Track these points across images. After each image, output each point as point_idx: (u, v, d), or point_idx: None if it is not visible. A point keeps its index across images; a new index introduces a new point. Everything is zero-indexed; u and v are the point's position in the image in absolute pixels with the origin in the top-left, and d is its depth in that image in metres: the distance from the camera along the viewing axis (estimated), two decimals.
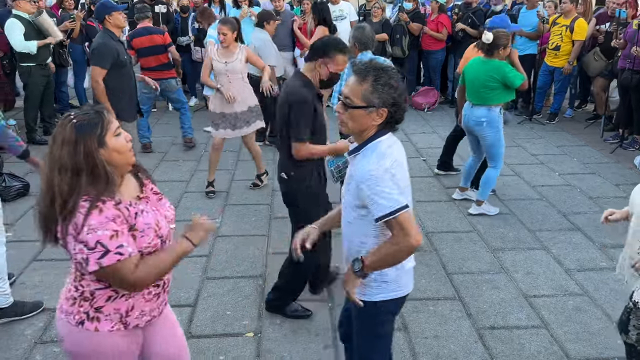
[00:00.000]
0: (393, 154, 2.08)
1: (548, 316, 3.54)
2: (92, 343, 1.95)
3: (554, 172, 6.08)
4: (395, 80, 2.04)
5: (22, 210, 5.00)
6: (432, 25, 8.35)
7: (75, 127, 1.77)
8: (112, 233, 1.77)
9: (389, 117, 2.06)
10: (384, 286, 2.20)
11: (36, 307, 3.55)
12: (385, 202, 1.97)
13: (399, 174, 2.06)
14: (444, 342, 3.30)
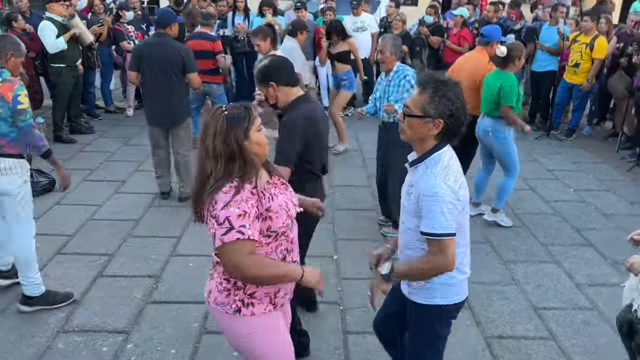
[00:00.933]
0: (454, 165, 2.16)
1: (556, 328, 3.60)
2: (251, 326, 2.13)
3: (569, 188, 6.11)
4: (454, 94, 2.11)
5: (47, 205, 5.17)
6: (455, 38, 8.43)
7: (227, 119, 1.97)
8: (241, 212, 1.92)
9: (445, 129, 2.13)
10: (449, 290, 2.29)
11: (67, 297, 3.69)
12: (436, 223, 2.07)
13: (463, 187, 2.15)
14: (452, 348, 3.35)
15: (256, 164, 2.02)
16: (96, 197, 5.43)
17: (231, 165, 1.96)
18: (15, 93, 3.26)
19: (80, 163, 6.40)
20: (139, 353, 3.23)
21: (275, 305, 2.16)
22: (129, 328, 3.45)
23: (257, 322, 2.13)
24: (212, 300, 2.16)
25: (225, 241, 1.91)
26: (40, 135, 3.41)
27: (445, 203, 2.06)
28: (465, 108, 2.13)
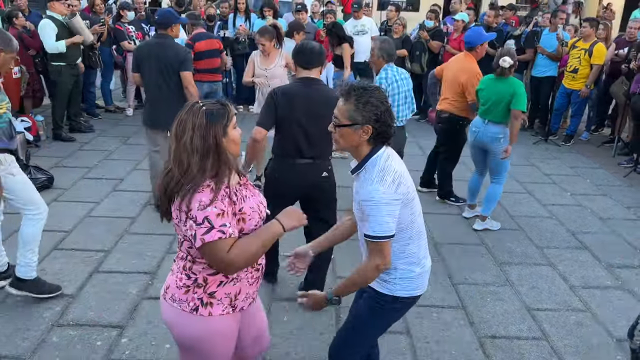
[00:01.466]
0: (392, 165, 2.18)
1: (549, 329, 3.61)
2: (206, 327, 2.08)
3: (565, 192, 6.14)
4: (377, 99, 2.15)
5: (45, 201, 5.13)
6: (455, 43, 8.46)
7: (206, 115, 1.94)
8: (219, 212, 1.90)
9: (374, 133, 2.17)
10: (408, 283, 2.33)
11: (54, 290, 3.70)
12: (376, 226, 2.13)
13: (402, 184, 2.17)
14: (445, 347, 3.38)
15: (230, 163, 1.99)
16: (94, 195, 5.45)
17: (205, 161, 1.92)
18: None
19: (79, 161, 6.43)
20: (133, 347, 3.24)
21: (234, 307, 2.12)
22: (123, 323, 3.47)
23: (212, 324, 2.08)
24: (168, 297, 2.11)
25: (207, 240, 1.89)
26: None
27: (383, 205, 2.11)
28: (389, 111, 2.18)
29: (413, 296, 2.38)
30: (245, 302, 2.17)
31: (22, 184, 3.56)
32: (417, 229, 2.31)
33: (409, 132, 8.31)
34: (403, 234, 2.25)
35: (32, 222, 3.59)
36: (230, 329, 2.16)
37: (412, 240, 2.29)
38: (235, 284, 2.10)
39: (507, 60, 4.67)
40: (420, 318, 3.65)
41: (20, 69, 6.81)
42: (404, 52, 8.51)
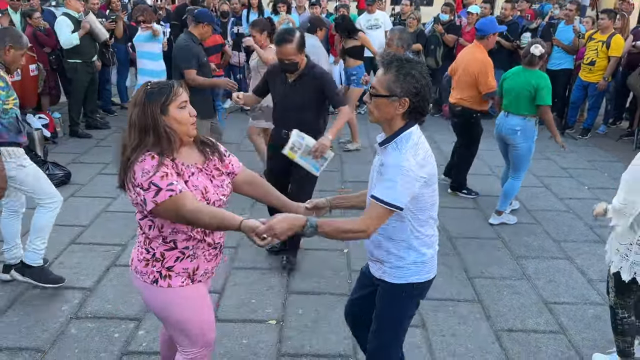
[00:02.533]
0: (424, 143, 2.18)
1: (567, 322, 3.58)
2: (167, 297, 2.20)
3: (583, 186, 6.07)
4: (419, 71, 2.10)
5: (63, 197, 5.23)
6: (468, 36, 8.40)
7: (146, 93, 2.05)
8: (163, 174, 1.99)
9: (411, 107, 2.12)
10: (421, 267, 2.30)
11: (57, 281, 3.75)
12: (390, 192, 2.07)
13: (430, 164, 2.16)
14: (461, 341, 3.37)
15: (173, 140, 2.05)
16: (110, 190, 5.49)
17: (144, 137, 2.02)
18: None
19: (96, 157, 6.49)
20: (150, 339, 3.27)
21: (193, 280, 2.21)
22: (140, 315, 3.50)
23: (172, 294, 2.18)
24: (132, 268, 2.25)
25: (159, 201, 1.97)
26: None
27: (406, 177, 2.06)
28: (429, 87, 2.13)
29: (428, 280, 2.35)
30: (203, 277, 2.26)
31: (33, 176, 3.61)
32: (431, 212, 2.27)
33: (423, 127, 8.29)
34: (423, 214, 2.22)
35: (45, 210, 3.65)
36: (194, 295, 2.24)
37: (428, 222, 2.26)
38: (192, 260, 2.18)
39: (539, 47, 4.63)
40: (436, 311, 3.64)
41: (38, 66, 6.89)
42: (418, 47, 8.46)
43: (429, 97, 2.15)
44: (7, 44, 3.39)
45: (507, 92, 4.84)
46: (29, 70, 6.72)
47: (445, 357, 3.21)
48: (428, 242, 2.30)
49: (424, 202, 2.19)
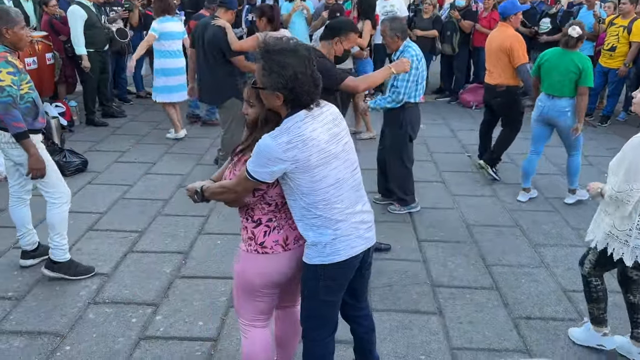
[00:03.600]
0: (300, 129, 2.10)
1: (586, 310, 3.52)
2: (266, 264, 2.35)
3: (603, 174, 5.96)
4: (283, 64, 2.04)
5: (80, 184, 5.29)
6: (485, 21, 8.29)
7: None
8: None
9: (287, 99, 2.10)
10: (321, 249, 2.26)
11: (88, 271, 3.78)
12: (251, 163, 2.13)
13: (299, 149, 2.09)
14: (478, 328, 3.34)
15: None
16: (127, 178, 5.54)
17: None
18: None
19: (112, 145, 6.53)
20: (167, 324, 3.29)
21: (286, 250, 2.35)
22: (158, 301, 3.52)
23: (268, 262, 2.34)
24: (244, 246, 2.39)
25: None
26: (16, 116, 3.30)
27: (260, 154, 2.10)
28: (304, 75, 2.06)
29: (332, 263, 2.27)
30: (296, 243, 2.35)
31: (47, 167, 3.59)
32: (324, 197, 2.19)
33: (438, 114, 8.23)
34: (304, 199, 2.18)
35: (54, 206, 3.63)
36: (283, 263, 2.36)
37: (315, 207, 2.19)
38: (279, 232, 2.31)
39: (576, 29, 4.67)
40: (453, 299, 3.61)
41: (54, 55, 6.92)
42: (434, 33, 8.37)
43: (307, 86, 2.08)
44: (1, 27, 3.30)
45: (548, 74, 4.88)
46: (45, 59, 6.77)
47: (462, 345, 3.19)
48: (321, 223, 2.23)
49: (301, 188, 2.16)
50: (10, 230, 4.11)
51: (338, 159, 2.21)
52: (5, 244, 4.17)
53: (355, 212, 2.31)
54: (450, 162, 6.23)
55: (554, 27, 7.95)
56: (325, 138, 2.16)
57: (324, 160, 2.15)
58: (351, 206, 2.29)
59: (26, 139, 3.36)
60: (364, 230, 2.36)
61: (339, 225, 2.26)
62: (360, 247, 2.35)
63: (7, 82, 3.26)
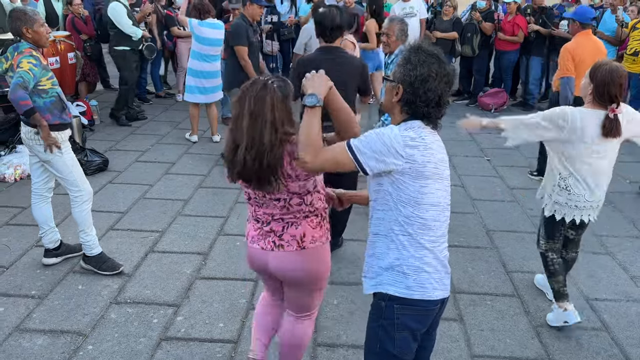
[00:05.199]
0: (423, 134, 1.95)
1: (609, 320, 3.49)
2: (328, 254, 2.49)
3: (624, 180, 5.90)
4: (419, 59, 1.93)
5: (101, 183, 5.34)
6: (508, 26, 8.22)
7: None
8: None
9: (405, 99, 1.97)
10: (400, 278, 2.01)
11: (112, 268, 3.83)
12: (358, 140, 1.95)
13: (418, 151, 1.92)
14: (500, 336, 3.31)
15: None
16: (147, 177, 5.57)
17: None
18: (19, 60, 3.35)
19: (133, 145, 6.57)
20: (188, 325, 3.31)
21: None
22: (178, 301, 3.54)
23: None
24: (309, 242, 2.36)
25: None
26: (24, 96, 3.35)
27: (379, 136, 1.91)
28: (431, 82, 1.91)
29: (411, 298, 1.98)
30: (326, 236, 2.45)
31: (70, 166, 3.66)
32: (424, 215, 1.97)
33: (457, 116, 8.14)
34: (402, 210, 1.96)
35: (75, 204, 3.72)
36: None
37: (410, 223, 1.97)
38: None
39: None
40: (474, 306, 3.59)
41: (76, 54, 7.00)
42: (454, 35, 8.33)
43: (430, 96, 1.93)
44: (21, 27, 3.41)
45: None
46: (67, 59, 6.84)
47: (484, 352, 3.17)
48: (415, 246, 1.98)
49: (410, 196, 1.94)
50: (33, 228, 4.16)
51: (444, 183, 2.01)
52: (29, 242, 4.22)
53: (443, 249, 2.06)
54: (470, 166, 6.19)
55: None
56: (440, 157, 2.00)
57: (436, 176, 1.97)
58: (441, 240, 2.05)
59: (35, 113, 3.42)
60: (447, 274, 2.07)
61: (428, 255, 1.99)
62: (443, 291, 2.04)
63: (25, 68, 3.35)
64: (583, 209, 3.24)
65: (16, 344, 3.12)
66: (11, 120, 5.97)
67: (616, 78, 3.00)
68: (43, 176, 3.77)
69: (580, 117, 3.05)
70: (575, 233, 3.48)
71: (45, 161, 3.63)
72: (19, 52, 3.40)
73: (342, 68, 3.57)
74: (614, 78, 3.00)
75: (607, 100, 3.02)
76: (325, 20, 3.64)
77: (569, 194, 3.21)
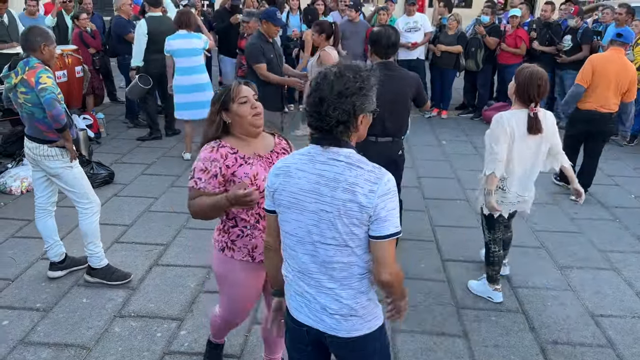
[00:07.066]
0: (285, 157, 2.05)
1: (615, 336, 3.46)
2: (228, 267, 2.55)
3: (629, 194, 5.88)
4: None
5: (106, 196, 5.36)
6: (511, 39, 8.25)
7: (215, 94, 2.47)
8: (204, 168, 2.35)
9: None
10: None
11: (124, 277, 3.87)
12: None
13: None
14: (504, 352, 3.30)
15: (217, 130, 2.42)
16: (153, 190, 5.60)
17: (210, 129, 2.44)
18: (37, 76, 3.42)
19: (138, 158, 6.61)
20: (192, 340, 3.31)
21: (253, 258, 2.50)
22: (182, 315, 3.54)
23: (233, 265, 2.53)
24: (213, 237, 2.61)
25: (188, 185, 2.40)
26: (61, 110, 3.47)
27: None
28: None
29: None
30: (262, 256, 2.40)
31: (79, 178, 3.72)
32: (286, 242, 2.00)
33: (462, 130, 8.19)
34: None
35: (85, 216, 3.76)
36: (250, 275, 2.56)
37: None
38: (251, 239, 2.48)
39: None
40: (479, 321, 3.58)
41: (83, 68, 7.06)
42: (459, 49, 8.37)
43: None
44: (40, 43, 3.49)
45: None
46: (75, 72, 6.90)
47: None
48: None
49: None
50: (38, 241, 4.18)
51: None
52: (34, 255, 4.24)
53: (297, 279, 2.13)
54: (474, 179, 6.14)
55: (574, 45, 7.88)
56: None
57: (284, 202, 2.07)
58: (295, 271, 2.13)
59: (66, 129, 3.54)
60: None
61: (288, 275, 2.08)
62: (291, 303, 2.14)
63: (49, 83, 3.44)
64: (517, 204, 3.66)
65: (20, 357, 3.13)
66: (18, 133, 6.04)
67: (535, 80, 3.33)
68: (47, 191, 3.81)
69: (508, 117, 3.42)
70: (508, 221, 3.92)
71: (54, 175, 3.67)
72: (30, 67, 3.45)
73: (400, 82, 3.84)
74: (533, 80, 3.33)
75: (527, 100, 3.38)
76: (382, 38, 3.82)
77: (505, 192, 3.59)
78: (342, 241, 1.84)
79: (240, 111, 2.38)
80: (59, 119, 3.45)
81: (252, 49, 5.31)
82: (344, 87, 1.77)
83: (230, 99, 2.39)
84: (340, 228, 1.82)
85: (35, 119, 3.53)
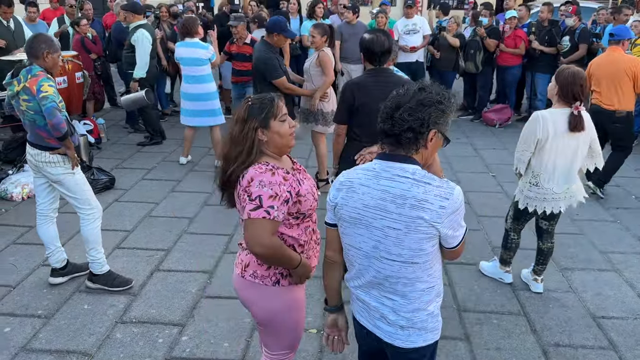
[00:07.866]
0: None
1: (617, 338, 3.46)
2: (288, 298, 2.29)
3: (630, 195, 5.88)
4: None
5: (107, 202, 5.37)
6: (510, 40, 8.26)
7: (248, 109, 2.13)
8: (273, 194, 2.04)
9: None
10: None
11: (126, 283, 3.88)
12: None
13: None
14: (506, 355, 3.29)
15: (255, 154, 2.12)
16: (153, 195, 5.60)
17: (241, 150, 2.11)
18: (39, 84, 3.43)
19: (139, 163, 6.62)
20: (193, 345, 3.31)
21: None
22: (184, 321, 3.54)
23: (294, 293, 2.29)
24: (248, 275, 2.25)
25: (252, 216, 2.02)
26: (62, 119, 3.47)
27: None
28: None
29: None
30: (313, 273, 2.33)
31: (81, 184, 3.73)
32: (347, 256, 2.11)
33: (462, 132, 8.19)
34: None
35: (87, 222, 3.77)
36: (303, 297, 2.39)
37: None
38: (308, 259, 2.27)
39: None
40: (480, 324, 3.57)
41: (83, 74, 7.08)
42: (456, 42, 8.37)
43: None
44: (43, 50, 3.51)
45: None
46: (75, 78, 6.92)
47: None
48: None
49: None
50: (40, 247, 4.18)
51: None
52: (35, 262, 4.25)
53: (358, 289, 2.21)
54: (475, 181, 6.19)
55: (572, 46, 7.88)
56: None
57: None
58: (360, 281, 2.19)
59: (67, 137, 3.54)
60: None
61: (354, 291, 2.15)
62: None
63: (50, 92, 3.45)
64: (552, 201, 3.69)
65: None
66: (19, 139, 6.05)
67: (577, 80, 3.41)
68: (49, 197, 3.82)
69: (546, 117, 3.50)
70: (548, 223, 3.88)
71: (56, 182, 3.68)
72: (32, 75, 3.46)
73: (395, 88, 3.62)
74: (576, 80, 3.41)
75: (572, 99, 3.45)
76: (374, 46, 3.57)
77: (538, 188, 3.66)
78: (408, 257, 1.87)
79: (283, 130, 2.15)
80: (59, 127, 3.46)
81: (269, 64, 5.14)
82: (424, 98, 1.82)
83: (273, 115, 2.13)
84: (408, 244, 1.84)
85: (37, 126, 3.54)
